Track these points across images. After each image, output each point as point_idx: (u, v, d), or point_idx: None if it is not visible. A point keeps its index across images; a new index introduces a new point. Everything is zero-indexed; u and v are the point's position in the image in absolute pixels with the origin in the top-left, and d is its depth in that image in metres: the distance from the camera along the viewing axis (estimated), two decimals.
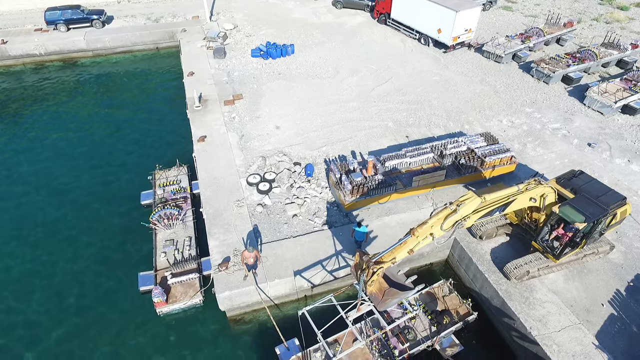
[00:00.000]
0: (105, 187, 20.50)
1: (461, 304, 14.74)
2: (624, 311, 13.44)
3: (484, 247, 15.59)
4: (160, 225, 17.22)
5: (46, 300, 15.52)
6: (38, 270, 16.55)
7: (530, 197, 12.82)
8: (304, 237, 16.06)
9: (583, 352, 12.37)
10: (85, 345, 14.14)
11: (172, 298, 15.08)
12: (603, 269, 14.77)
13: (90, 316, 14.98)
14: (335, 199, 17.71)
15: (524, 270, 13.95)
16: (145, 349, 14.00)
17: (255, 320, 14.90)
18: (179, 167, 20.49)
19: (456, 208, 10.99)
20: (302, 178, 18.73)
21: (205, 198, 17.76)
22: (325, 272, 14.95)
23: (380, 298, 10.58)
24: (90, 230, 18.20)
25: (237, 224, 16.54)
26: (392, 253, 10.81)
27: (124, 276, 16.24)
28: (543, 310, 13.47)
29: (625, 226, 16.17)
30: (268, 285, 14.49)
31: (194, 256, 16.26)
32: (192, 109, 23.21)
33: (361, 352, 13.26)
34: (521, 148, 20.59)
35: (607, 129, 22.07)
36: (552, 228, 13.89)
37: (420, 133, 21.69)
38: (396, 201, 17.40)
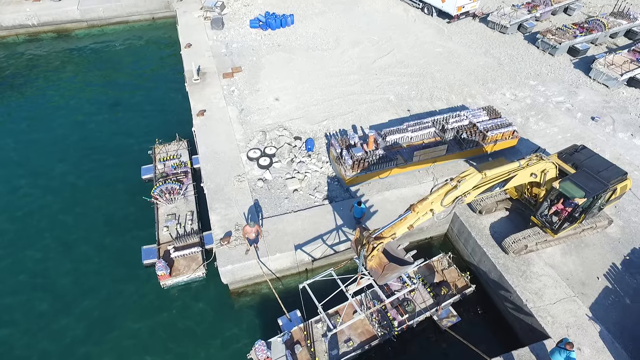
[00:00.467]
0: (104, 161, 20.48)
1: (459, 277, 15.01)
2: (619, 284, 13.69)
3: (483, 222, 15.72)
4: (161, 199, 17.33)
5: (51, 272, 15.81)
6: (44, 246, 16.79)
7: (531, 173, 12.81)
8: (304, 211, 16.17)
9: (576, 324, 12.70)
10: (89, 316, 14.50)
11: (176, 271, 15.36)
12: (600, 243, 14.94)
13: (94, 288, 15.29)
14: (336, 174, 17.71)
15: (522, 245, 14.12)
16: (149, 321, 14.37)
17: (257, 293, 15.24)
18: (178, 141, 20.40)
19: (456, 184, 11.00)
20: (302, 153, 18.67)
21: (206, 173, 17.77)
22: (325, 246, 15.14)
23: (380, 272, 10.77)
24: (91, 205, 18.32)
25: (238, 199, 16.62)
26: (392, 229, 10.91)
27: (127, 249, 16.47)
28: (539, 283, 13.73)
29: (624, 201, 16.23)
30: (269, 259, 14.73)
31: (196, 230, 16.44)
32: (191, 82, 22.85)
33: (361, 323, 13.62)
34: (524, 122, 20.39)
35: (612, 102, 21.76)
36: (552, 203, 13.96)
37: (422, 107, 21.43)
38: (397, 176, 17.40)
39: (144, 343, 13.79)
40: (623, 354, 12.02)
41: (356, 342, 13.19)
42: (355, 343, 13.14)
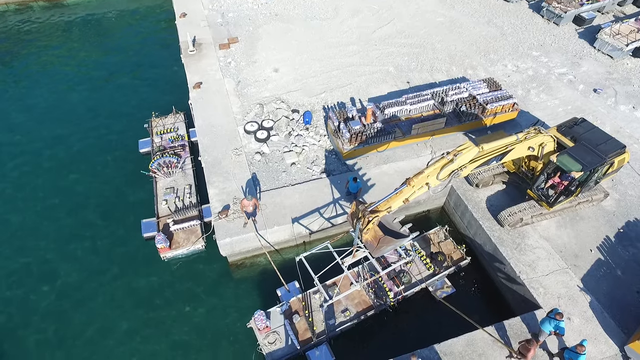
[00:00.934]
0: (101, 135, 20.36)
1: (455, 249, 15.23)
2: (611, 256, 13.90)
3: (480, 195, 15.79)
4: (159, 173, 17.35)
5: (53, 247, 16.04)
6: (42, 219, 16.95)
7: (529, 146, 12.75)
8: (302, 185, 16.22)
9: (567, 294, 12.98)
10: (92, 289, 14.83)
11: (175, 244, 15.58)
12: (595, 216, 15.06)
13: (95, 261, 15.56)
14: (334, 147, 17.65)
15: (517, 218, 14.24)
16: (150, 292, 14.70)
17: (255, 265, 15.51)
18: (175, 114, 20.21)
19: (453, 158, 10.97)
20: (300, 126, 18.53)
21: (203, 146, 17.71)
22: (323, 219, 15.28)
23: (375, 245, 10.92)
24: (90, 179, 18.36)
25: (236, 172, 16.64)
26: (387, 202, 10.97)
27: (127, 222, 16.64)
28: (533, 255, 13.94)
29: (621, 174, 16.23)
30: (267, 232, 14.90)
31: (195, 204, 16.55)
32: (186, 53, 22.39)
33: (358, 294, 13.94)
34: (524, 94, 20.11)
35: (615, 73, 21.38)
36: (549, 176, 13.97)
37: (422, 79, 21.08)
38: (394, 149, 17.34)
39: (142, 312, 14.14)
40: (611, 323, 12.35)
41: (353, 312, 13.54)
42: (352, 313, 13.49)
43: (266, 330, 12.92)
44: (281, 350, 12.67)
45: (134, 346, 13.38)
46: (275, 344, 12.77)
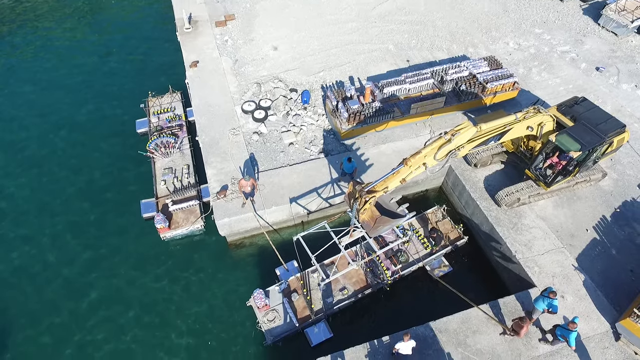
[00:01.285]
0: (97, 116, 20.20)
1: (453, 228, 15.33)
2: (606, 236, 14.00)
3: (478, 175, 15.78)
4: (157, 153, 17.31)
5: (54, 227, 16.16)
6: (42, 200, 17.02)
7: (528, 126, 12.66)
8: (300, 165, 16.20)
9: (562, 273, 13.14)
10: (91, 270, 15.01)
11: (175, 224, 15.68)
12: (592, 196, 15.09)
13: (96, 241, 15.69)
14: (332, 127, 17.53)
15: (514, 198, 14.27)
16: (150, 272, 14.89)
17: (254, 245, 15.65)
18: (172, 93, 20.01)
19: (450, 138, 10.91)
20: (298, 105, 18.36)
21: (201, 126, 17.59)
22: (320, 199, 15.33)
23: (372, 225, 10.99)
24: (87, 159, 18.31)
25: (234, 153, 16.59)
26: (384, 182, 10.98)
27: (126, 203, 16.70)
28: (529, 235, 14.04)
29: (620, 153, 16.17)
30: (265, 212, 14.97)
31: (193, 184, 16.58)
32: (182, 31, 21.96)
33: (356, 272, 14.13)
34: (526, 73, 19.82)
35: (619, 51, 21.02)
36: (547, 156, 13.93)
37: (422, 57, 20.74)
38: (393, 129, 17.23)
39: (144, 292, 14.36)
40: (604, 301, 12.55)
41: (350, 290, 13.74)
42: (349, 291, 13.70)
43: (265, 308, 13.16)
44: (280, 328, 12.94)
45: (133, 324, 13.65)
46: (275, 321, 13.03)
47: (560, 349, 11.69)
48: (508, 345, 11.74)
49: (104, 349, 13.14)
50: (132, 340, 13.34)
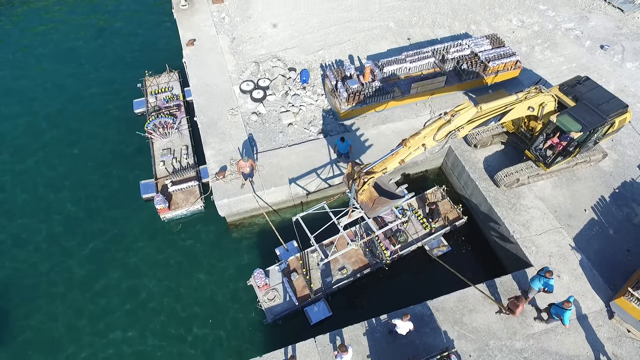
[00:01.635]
0: (94, 96, 19.98)
1: (452, 209, 15.38)
2: (604, 216, 14.06)
3: (478, 156, 15.73)
4: (155, 134, 17.20)
5: (55, 209, 16.22)
6: (38, 181, 17.02)
7: (529, 106, 12.52)
8: (299, 146, 16.12)
9: (559, 253, 13.27)
10: (95, 249, 15.14)
11: (174, 205, 15.73)
12: (592, 177, 15.07)
13: (96, 222, 15.77)
14: (331, 107, 17.36)
15: (514, 178, 14.26)
16: (151, 252, 15.02)
17: (254, 225, 15.74)
18: (169, 73, 19.72)
19: (450, 118, 10.80)
20: (297, 85, 18.13)
21: (199, 106, 17.43)
22: (320, 180, 15.33)
23: (370, 206, 11.01)
24: (85, 140, 18.20)
25: (232, 133, 16.49)
26: (383, 163, 10.94)
27: (126, 184, 16.72)
28: (527, 215, 14.10)
29: (622, 134, 16.07)
30: (265, 193, 14.99)
31: (192, 164, 16.54)
32: (178, 7, 21.47)
33: (355, 252, 14.25)
34: (528, 51, 19.49)
35: (625, 28, 20.60)
36: (547, 137, 13.84)
37: (423, 35, 20.34)
38: (393, 109, 17.07)
39: (145, 272, 14.52)
40: (599, 281, 12.71)
41: (350, 269, 13.90)
42: (348, 271, 13.86)
43: (265, 287, 13.34)
44: (280, 306, 13.15)
45: (134, 303, 13.86)
46: (275, 300, 13.23)
47: (555, 327, 11.92)
48: (504, 324, 11.96)
49: (102, 331, 13.38)
50: (131, 321, 13.58)
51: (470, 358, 11.40)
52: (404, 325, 10.81)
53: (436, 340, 11.67)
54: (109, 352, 12.97)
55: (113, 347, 13.03)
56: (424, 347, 11.50)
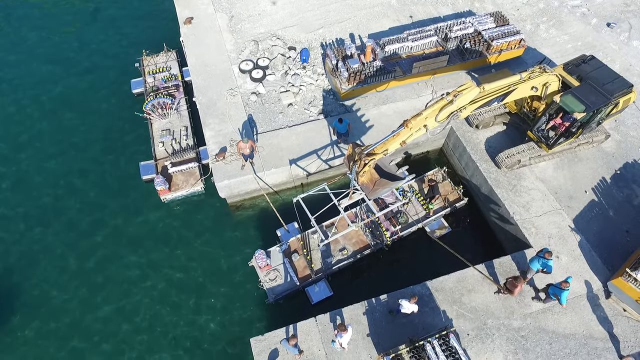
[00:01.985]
0: (91, 75, 19.67)
1: (453, 190, 15.37)
2: (605, 197, 14.06)
3: (479, 136, 15.61)
4: (154, 115, 17.03)
5: (55, 191, 16.21)
6: (38, 163, 16.96)
7: (532, 86, 12.34)
8: (299, 126, 15.98)
9: (558, 234, 13.32)
10: (96, 230, 15.21)
11: (175, 186, 15.71)
12: (594, 158, 15.00)
13: (97, 204, 15.79)
14: (332, 87, 17.12)
15: (515, 160, 14.19)
16: (152, 233, 15.09)
17: (255, 206, 15.76)
18: (167, 52, 19.38)
19: (453, 99, 10.65)
20: (297, 64, 17.83)
21: (197, 87, 17.19)
22: (320, 161, 15.26)
23: (371, 188, 10.99)
24: (83, 121, 18.01)
25: (232, 114, 16.32)
26: (384, 145, 10.86)
27: (125, 165, 16.66)
28: (528, 197, 14.09)
29: (625, 114, 15.90)
30: (265, 174, 14.95)
31: (192, 146, 16.44)
32: None
33: (355, 233, 14.31)
34: (533, 29, 19.07)
35: (633, 5, 20.12)
36: (550, 117, 13.69)
37: (426, 12, 19.88)
38: (394, 89, 16.84)
39: (145, 253, 14.62)
40: (598, 261, 12.81)
41: (350, 250, 14.00)
42: (349, 251, 13.96)
43: (267, 268, 13.46)
44: (281, 287, 13.30)
45: (136, 285, 14.00)
46: (276, 280, 13.37)
47: (552, 306, 12.08)
48: (502, 303, 12.12)
49: (104, 309, 13.57)
50: (135, 300, 13.77)
51: (468, 337, 11.60)
52: (410, 307, 10.92)
53: (435, 319, 11.85)
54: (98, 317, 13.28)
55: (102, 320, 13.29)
56: (423, 327, 11.68)
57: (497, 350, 11.43)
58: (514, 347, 11.48)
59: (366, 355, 11.29)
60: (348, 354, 11.25)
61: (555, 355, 11.39)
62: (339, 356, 11.24)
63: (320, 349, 11.33)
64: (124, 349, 12.86)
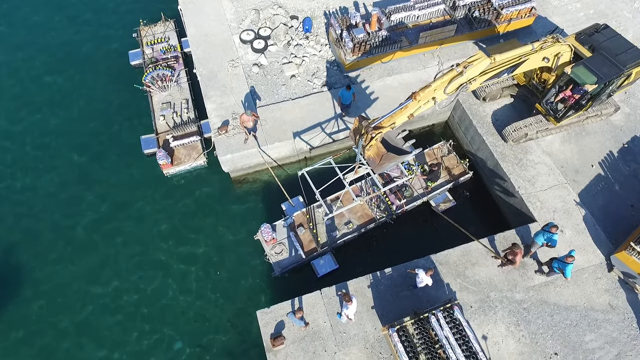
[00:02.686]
0: (87, 47, 19.09)
1: (458, 164, 15.23)
2: (611, 171, 13.95)
3: (486, 109, 15.33)
4: (154, 87, 16.65)
5: (56, 165, 16.07)
6: (38, 140, 16.72)
7: (544, 57, 11.98)
8: (302, 99, 15.67)
9: (563, 208, 13.30)
10: (99, 204, 15.17)
11: (177, 160, 15.54)
12: (602, 131, 14.78)
13: (99, 179, 15.65)
14: (336, 58, 16.67)
15: (522, 133, 13.99)
16: (155, 207, 15.03)
17: (258, 181, 15.66)
18: (165, 22, 18.73)
19: (463, 70, 10.34)
20: (300, 34, 17.28)
21: (198, 58, 16.73)
22: (324, 134, 15.05)
23: (378, 162, 10.85)
24: (81, 95, 17.61)
25: (234, 86, 15.95)
26: (391, 118, 10.63)
27: (126, 139, 16.43)
28: (534, 171, 13.98)
29: (637, 85, 15.54)
30: (268, 148, 14.76)
31: (193, 119, 16.17)
32: None
33: (361, 207, 14.27)
34: None
35: None
36: (560, 89, 13.39)
37: None
38: (400, 60, 16.40)
39: (150, 226, 14.63)
40: (601, 235, 12.84)
41: (355, 224, 13.99)
42: (354, 225, 13.96)
43: (273, 241, 13.50)
44: (287, 260, 13.38)
45: (141, 259, 14.08)
46: (282, 254, 13.43)
47: (555, 279, 12.19)
48: (505, 277, 12.23)
49: (111, 285, 13.70)
50: (139, 274, 13.90)
51: (471, 309, 11.77)
52: (426, 279, 10.97)
53: (439, 292, 11.99)
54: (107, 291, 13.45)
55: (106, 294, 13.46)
56: (427, 299, 11.83)
57: (499, 322, 11.62)
58: (516, 318, 11.67)
59: (371, 327, 11.48)
60: (353, 325, 11.45)
61: (557, 326, 11.59)
62: (345, 327, 11.44)
63: (325, 321, 11.52)
64: (129, 326, 13.02)
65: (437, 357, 10.23)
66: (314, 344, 11.24)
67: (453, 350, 10.17)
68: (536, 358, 11.20)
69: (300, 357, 11.06)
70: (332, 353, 11.13)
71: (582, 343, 11.40)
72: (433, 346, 10.36)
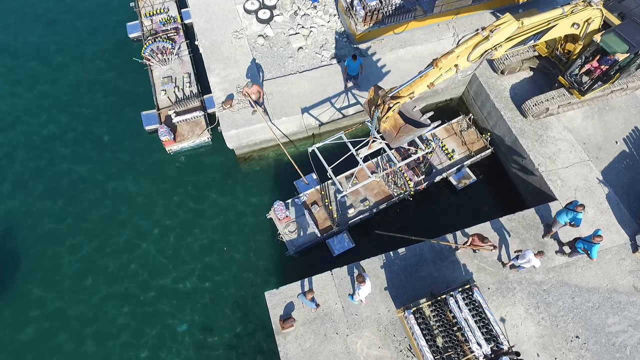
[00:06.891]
0: (83, 19, 18.16)
1: (478, 139, 14.53)
2: (636, 148, 13.27)
3: (504, 83, 14.55)
4: (154, 60, 15.85)
5: (51, 141, 15.39)
6: (35, 117, 15.99)
7: (573, 23, 11.14)
8: (310, 72, 14.88)
9: (585, 187, 12.66)
10: (100, 186, 14.55)
11: (180, 137, 14.86)
12: (626, 106, 14.03)
13: (101, 157, 15.00)
14: (345, 29, 15.79)
15: (543, 108, 13.25)
16: (160, 186, 14.42)
17: (265, 158, 15.01)
18: None
19: (489, 34, 9.55)
20: (307, 4, 16.35)
21: (200, 29, 15.86)
22: (333, 109, 14.32)
23: (395, 135, 10.17)
24: (78, 69, 16.79)
25: (238, 59, 15.15)
26: (410, 87, 9.90)
27: (127, 116, 15.70)
28: (555, 147, 13.30)
29: None
30: (275, 124, 14.06)
31: (196, 94, 15.42)
32: None
33: (377, 184, 13.60)
34: None
35: None
36: (586, 60, 12.58)
37: None
38: (413, 31, 15.54)
39: (152, 206, 14.05)
40: (625, 214, 12.25)
41: (372, 201, 13.35)
42: (371, 202, 13.31)
43: (286, 219, 12.89)
44: (302, 238, 12.77)
45: (150, 239, 13.54)
46: (296, 232, 12.82)
47: (576, 260, 11.66)
48: None
49: (112, 266, 13.21)
50: (145, 252, 13.39)
51: (489, 290, 11.27)
52: (534, 260, 10.18)
53: (455, 273, 11.47)
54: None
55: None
56: (443, 280, 11.33)
57: (518, 304, 11.14)
58: (535, 300, 11.17)
59: (384, 309, 11.01)
60: (366, 307, 10.97)
61: (578, 308, 11.11)
62: (356, 309, 10.97)
63: (337, 303, 11.04)
64: (138, 302, 12.62)
65: (455, 339, 9.76)
66: (324, 326, 10.78)
67: (473, 332, 9.68)
68: (556, 341, 10.75)
69: (311, 340, 10.61)
70: (343, 335, 10.68)
71: (605, 326, 10.92)
72: (451, 328, 9.88)
